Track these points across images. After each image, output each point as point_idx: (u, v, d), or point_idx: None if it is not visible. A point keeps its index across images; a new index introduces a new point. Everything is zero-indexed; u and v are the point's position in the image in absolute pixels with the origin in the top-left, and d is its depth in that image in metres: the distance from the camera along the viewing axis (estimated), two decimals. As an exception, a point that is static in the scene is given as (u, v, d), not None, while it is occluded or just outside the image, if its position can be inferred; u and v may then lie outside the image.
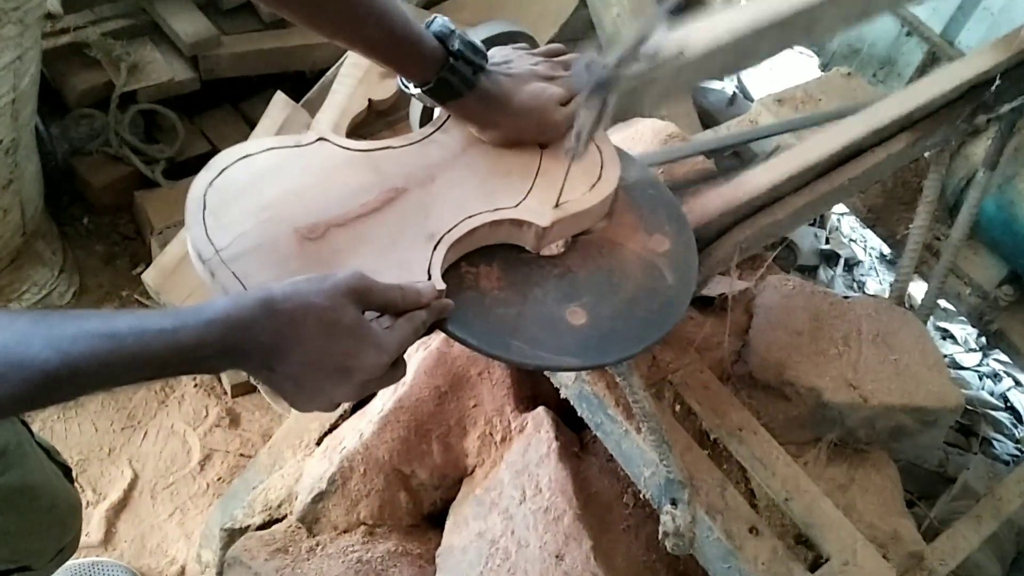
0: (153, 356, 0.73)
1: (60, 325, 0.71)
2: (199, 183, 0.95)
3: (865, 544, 1.24)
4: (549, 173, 1.05)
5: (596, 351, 0.98)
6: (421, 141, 1.08)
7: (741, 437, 1.30)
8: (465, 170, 1.06)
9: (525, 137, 1.09)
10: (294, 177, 0.98)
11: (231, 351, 0.77)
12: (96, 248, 2.33)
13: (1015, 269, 1.79)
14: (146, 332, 0.73)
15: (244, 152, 0.98)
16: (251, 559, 1.44)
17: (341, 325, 0.81)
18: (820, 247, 2.73)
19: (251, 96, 2.53)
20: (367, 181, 1.00)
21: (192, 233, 0.90)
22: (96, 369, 0.70)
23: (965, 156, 1.76)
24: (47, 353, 0.68)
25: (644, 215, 1.11)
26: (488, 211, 1.02)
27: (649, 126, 1.64)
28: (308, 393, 0.84)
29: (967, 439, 2.41)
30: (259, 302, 0.78)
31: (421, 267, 0.95)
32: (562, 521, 1.35)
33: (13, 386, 0.67)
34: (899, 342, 1.48)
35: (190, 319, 0.75)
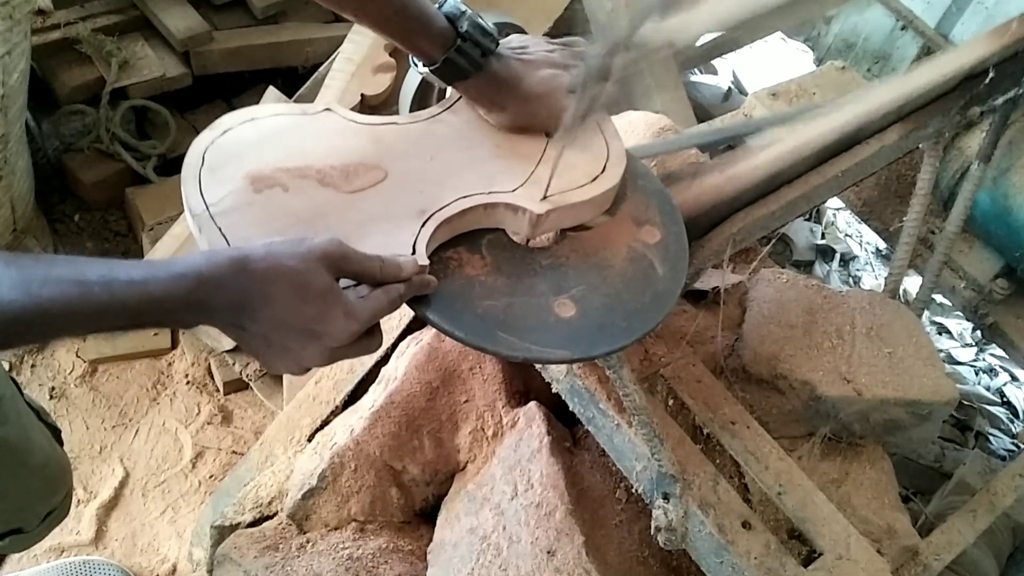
0: (121, 306, 0.74)
1: (30, 268, 0.72)
2: (201, 140, 0.95)
3: (858, 538, 1.23)
4: (552, 162, 1.05)
5: (585, 343, 0.97)
6: (428, 119, 1.08)
7: (734, 431, 1.29)
8: (467, 151, 1.06)
9: (533, 122, 1.08)
10: (296, 143, 0.98)
11: (200, 305, 0.78)
12: (87, 245, 2.32)
13: (1010, 263, 1.78)
14: (115, 281, 0.74)
15: (251, 115, 0.99)
16: (241, 557, 1.42)
17: (311, 288, 0.82)
18: (816, 242, 2.72)
19: (243, 92, 2.52)
20: (368, 152, 1.01)
21: (187, 188, 0.91)
22: (64, 314, 0.72)
23: (959, 149, 1.75)
24: (14, 294, 0.70)
25: (636, 208, 1.10)
26: (484, 193, 1.01)
27: (642, 119, 1.63)
28: (276, 352, 0.85)
29: (963, 434, 2.40)
30: (232, 260, 0.79)
31: (407, 240, 0.94)
32: (554, 516, 1.33)
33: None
34: (893, 335, 1.47)
35: (160, 271, 0.77)
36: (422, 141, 1.05)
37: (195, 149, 0.94)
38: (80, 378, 2.09)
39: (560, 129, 0.98)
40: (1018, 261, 1.75)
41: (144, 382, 2.11)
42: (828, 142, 1.36)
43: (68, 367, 2.11)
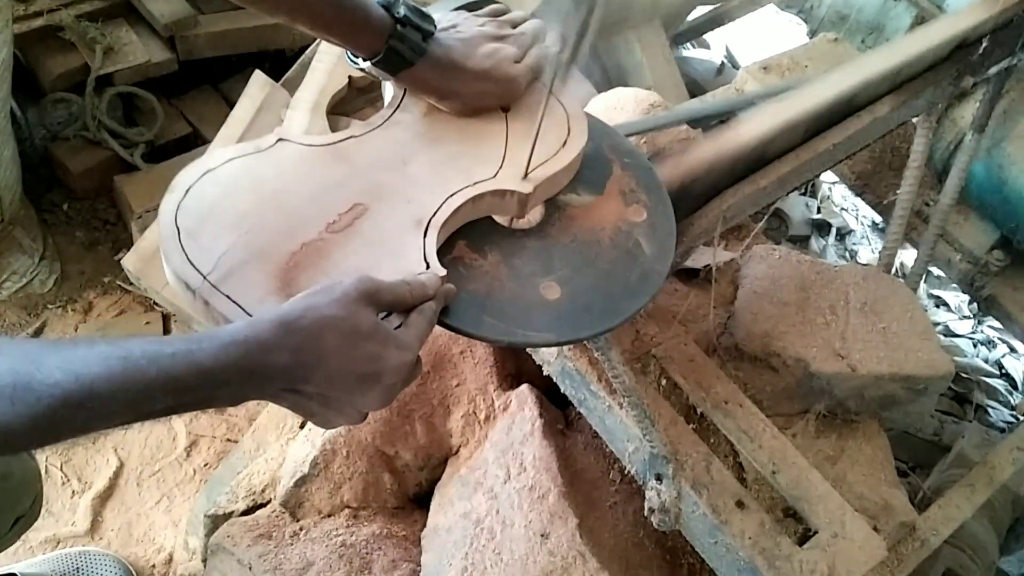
0: (169, 377, 0.69)
1: (70, 349, 0.68)
2: (167, 208, 0.89)
3: (854, 516, 1.22)
4: (519, 137, 1.03)
5: (571, 326, 0.95)
6: (383, 125, 1.05)
7: (727, 410, 1.27)
8: (435, 148, 1.03)
9: (487, 101, 1.06)
10: (264, 183, 0.93)
11: (252, 373, 0.74)
12: (77, 234, 2.30)
13: (1006, 234, 1.77)
14: (160, 355, 0.70)
15: (205, 168, 0.93)
16: (234, 546, 1.41)
17: (361, 331, 0.79)
18: (811, 217, 2.70)
19: (230, 76, 2.49)
20: (340, 174, 0.97)
21: (172, 263, 0.85)
22: (111, 393, 0.67)
23: (953, 120, 1.73)
24: (59, 375, 0.65)
25: (622, 185, 1.08)
26: (469, 186, 0.99)
27: (631, 95, 1.61)
28: (336, 407, 0.81)
29: (962, 407, 2.39)
30: (274, 322, 0.76)
31: (416, 255, 0.92)
32: (547, 499, 1.32)
33: (25, 409, 0.64)
34: (887, 310, 1.45)
35: (205, 341, 0.72)
36: (386, 148, 1.02)
37: (164, 219, 0.88)
38: (72, 368, 2.07)
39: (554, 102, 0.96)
40: (1014, 232, 1.73)
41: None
42: (819, 115, 1.34)
43: (60, 358, 2.09)
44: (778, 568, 1.14)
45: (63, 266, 2.24)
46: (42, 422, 0.65)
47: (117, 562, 1.78)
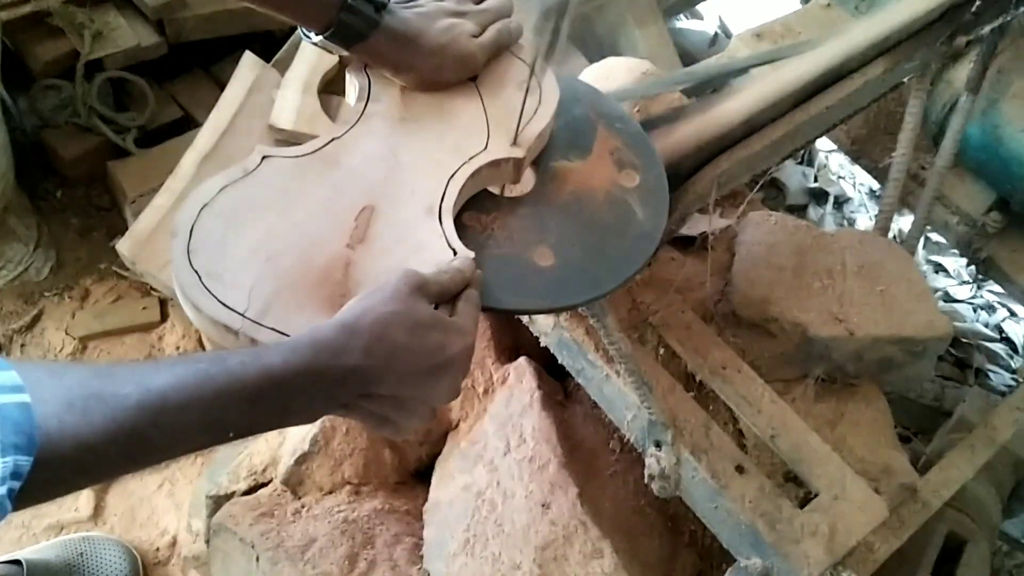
0: (240, 385, 0.68)
1: (137, 365, 0.67)
2: (177, 255, 0.85)
3: (855, 477, 1.22)
4: (496, 105, 1.02)
5: (566, 292, 0.95)
6: (360, 119, 1.03)
7: (725, 376, 1.27)
8: (419, 133, 1.02)
9: (444, 75, 1.05)
10: (265, 207, 0.91)
11: (323, 377, 0.72)
12: (71, 221, 2.29)
13: (1002, 195, 1.76)
14: (228, 360, 0.68)
15: (200, 203, 0.89)
16: (236, 525, 1.42)
17: (423, 323, 0.79)
18: (809, 185, 2.69)
19: (221, 59, 2.47)
20: (336, 181, 0.95)
21: (205, 309, 0.82)
22: (184, 402, 0.65)
23: (947, 82, 1.72)
24: (130, 387, 0.64)
25: (613, 150, 1.07)
26: (465, 163, 0.98)
27: (623, 64, 1.59)
28: (408, 408, 0.81)
29: (962, 372, 2.39)
30: (337, 327, 0.75)
31: (440, 243, 0.91)
32: (547, 470, 1.33)
33: (100, 420, 0.62)
34: (884, 273, 1.45)
35: (272, 348, 0.72)
36: (372, 144, 1.00)
37: (179, 266, 0.84)
38: (71, 355, 2.07)
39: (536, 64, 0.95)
40: (1010, 193, 1.72)
41: (136, 356, 2.09)
42: (812, 78, 1.34)
43: (58, 345, 2.09)
44: (779, 531, 1.14)
45: (58, 253, 2.23)
46: (119, 436, 0.63)
47: (120, 546, 1.78)
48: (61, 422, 0.60)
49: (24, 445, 0.58)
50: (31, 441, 0.58)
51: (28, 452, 0.58)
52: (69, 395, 0.62)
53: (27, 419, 0.58)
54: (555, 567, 1.27)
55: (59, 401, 0.61)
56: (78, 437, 0.61)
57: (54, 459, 0.60)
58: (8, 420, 0.57)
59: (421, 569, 1.36)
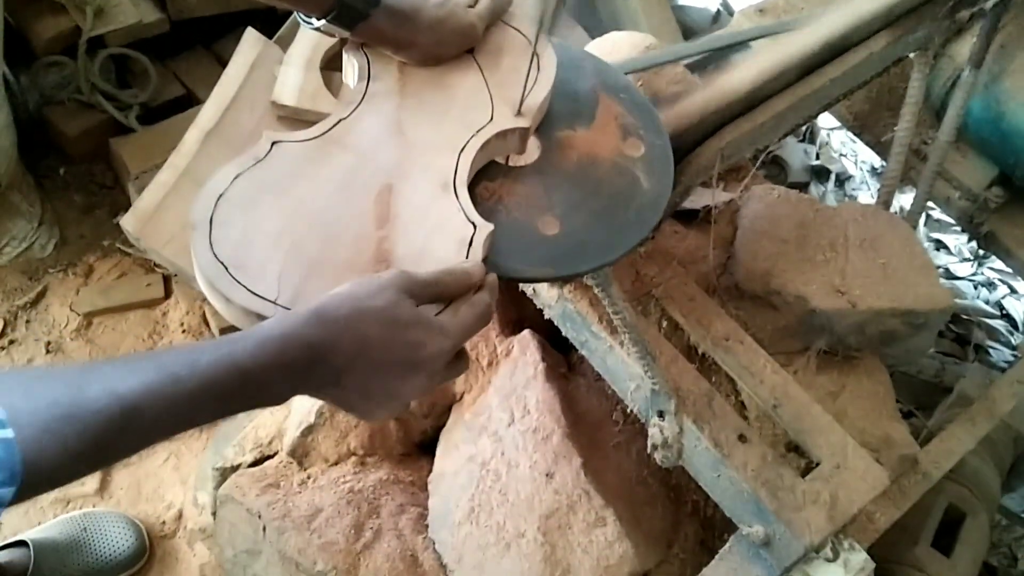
0: (211, 384, 0.68)
1: (108, 369, 0.67)
2: (200, 248, 0.84)
3: (856, 447, 1.23)
4: (495, 76, 1.02)
5: (570, 260, 0.96)
6: (364, 99, 1.02)
7: (727, 347, 1.28)
8: (423, 108, 1.02)
9: (444, 49, 1.05)
10: (282, 193, 0.91)
11: (291, 368, 0.73)
12: (75, 199, 2.30)
13: (1004, 170, 1.76)
14: (198, 362, 0.69)
15: (216, 193, 0.88)
16: (243, 496, 1.43)
17: (400, 320, 0.78)
18: (810, 163, 2.69)
19: (223, 36, 2.47)
20: (348, 163, 0.95)
21: (236, 299, 0.81)
22: (155, 407, 0.66)
23: (950, 56, 1.72)
24: (103, 400, 0.64)
25: (619, 120, 1.08)
26: (473, 136, 0.99)
27: (626, 39, 1.60)
28: (377, 399, 0.80)
29: (963, 348, 2.40)
30: (310, 315, 0.75)
31: (459, 217, 0.92)
32: (551, 440, 1.34)
33: (75, 441, 0.63)
34: (886, 246, 1.45)
35: (240, 343, 0.71)
36: (378, 123, 1.00)
37: (204, 260, 0.83)
38: (75, 331, 2.09)
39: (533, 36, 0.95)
40: (1012, 168, 1.73)
41: (140, 332, 2.11)
42: (816, 50, 1.34)
43: (63, 321, 2.10)
44: (781, 499, 1.15)
45: (62, 230, 2.24)
46: (91, 449, 0.64)
47: (125, 519, 1.79)
48: (39, 448, 0.62)
49: (7, 480, 0.60)
50: (14, 475, 0.60)
51: (11, 484, 0.60)
52: (45, 419, 0.63)
53: (10, 455, 0.60)
54: (559, 535, 1.28)
55: (35, 427, 0.62)
56: (54, 460, 0.62)
57: (33, 481, 0.62)
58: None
59: (426, 538, 1.37)
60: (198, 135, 2.08)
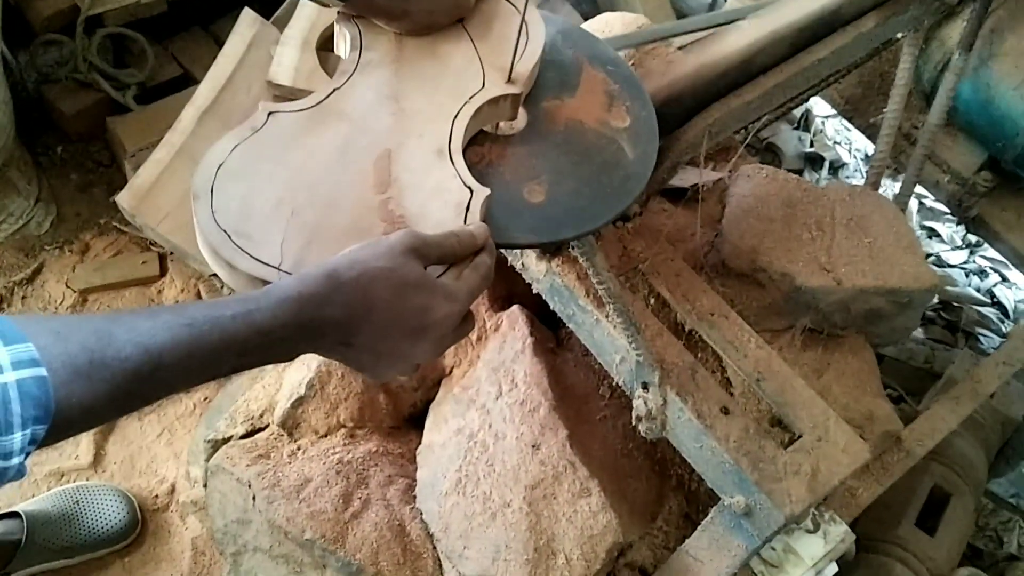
0: (232, 340, 0.71)
1: (136, 321, 0.69)
2: (203, 217, 0.86)
3: (838, 420, 1.24)
4: (486, 44, 1.04)
5: (553, 227, 0.97)
6: (357, 69, 1.04)
7: (712, 321, 1.29)
8: (416, 78, 1.04)
9: (436, 19, 1.06)
10: (280, 162, 0.92)
11: (306, 327, 0.75)
12: (72, 177, 2.31)
13: (993, 154, 1.78)
14: (221, 317, 0.71)
15: (216, 163, 0.90)
16: (233, 466, 1.44)
17: (408, 283, 0.80)
18: (805, 150, 2.70)
19: (221, 16, 2.48)
20: (344, 132, 0.96)
21: (241, 266, 0.84)
22: (179, 359, 0.69)
23: (940, 40, 1.74)
24: (129, 349, 0.67)
25: (605, 92, 1.09)
26: (466, 103, 1.00)
27: (618, 19, 1.61)
28: (387, 360, 0.83)
29: (953, 335, 2.42)
30: (324, 276, 0.77)
31: (456, 183, 0.93)
32: (538, 412, 1.35)
33: (102, 385, 0.66)
34: (873, 225, 1.47)
35: (262, 301, 0.74)
36: (372, 93, 1.01)
37: (207, 228, 0.85)
38: (71, 308, 2.10)
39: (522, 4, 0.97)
40: (1001, 152, 1.74)
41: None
42: (806, 24, 1.35)
43: (59, 297, 2.12)
44: (762, 469, 1.16)
45: (59, 208, 2.25)
46: (118, 396, 0.67)
47: (117, 492, 1.81)
48: (69, 391, 0.64)
49: (42, 416, 0.62)
50: (48, 412, 0.63)
51: (45, 422, 0.63)
52: (75, 362, 0.65)
53: (45, 393, 0.62)
54: (544, 505, 1.29)
55: (66, 369, 0.64)
56: (83, 403, 0.65)
57: (63, 423, 0.64)
58: (28, 395, 0.61)
59: (414, 508, 1.39)
60: (194, 113, 2.09)
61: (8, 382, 0.61)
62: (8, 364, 0.61)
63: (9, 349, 0.62)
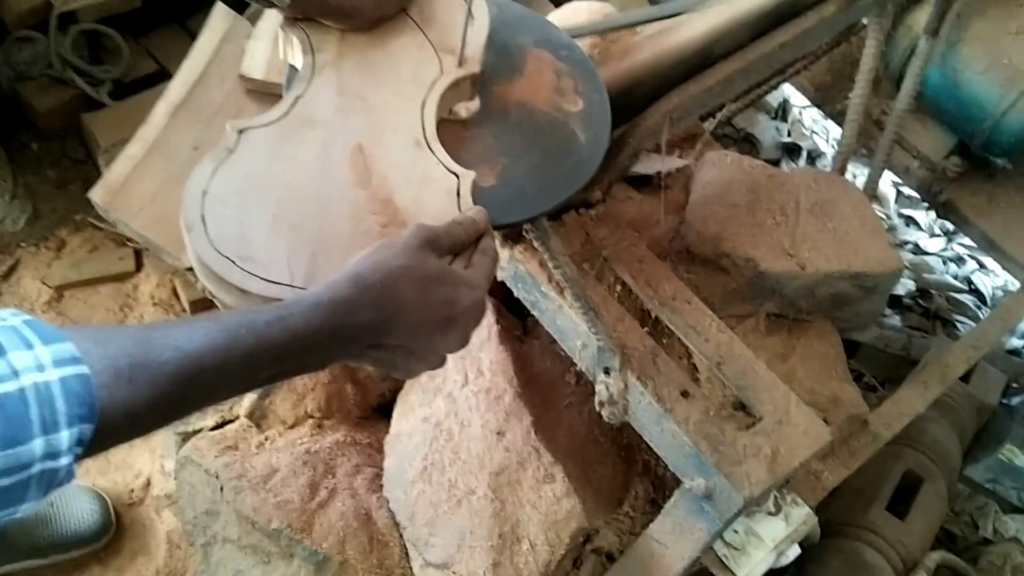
0: (268, 345, 0.71)
1: (174, 328, 0.69)
2: (203, 249, 0.85)
3: (799, 403, 1.24)
4: (434, 29, 1.04)
5: (504, 210, 0.97)
6: (315, 73, 1.02)
7: (674, 307, 1.29)
8: (374, 72, 1.03)
9: (384, 9, 1.05)
10: (262, 180, 0.91)
11: (339, 332, 0.76)
12: (48, 174, 2.31)
13: (962, 139, 1.78)
14: (256, 322, 0.71)
15: (199, 190, 0.89)
16: (201, 457, 1.45)
17: (432, 277, 0.81)
18: (782, 140, 2.71)
19: (196, 12, 2.47)
20: (319, 136, 0.96)
21: (254, 290, 0.84)
22: (217, 364, 0.69)
23: (908, 26, 1.74)
24: (168, 353, 0.67)
25: (557, 76, 1.09)
26: (430, 90, 1.00)
27: (585, 6, 1.61)
28: (420, 355, 0.84)
29: (931, 323, 2.42)
30: (351, 282, 0.77)
31: (440, 170, 0.94)
32: (503, 400, 1.36)
33: (145, 388, 0.65)
34: (837, 211, 1.47)
35: (294, 307, 0.74)
36: (336, 95, 1.00)
37: (211, 259, 0.85)
38: (47, 304, 2.10)
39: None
40: (970, 137, 1.74)
41: (111, 305, 2.12)
42: (767, 10, 1.35)
43: (35, 294, 2.11)
44: (722, 452, 1.16)
45: (35, 205, 2.25)
46: (161, 400, 0.66)
47: (89, 491, 1.80)
48: (111, 392, 0.63)
49: (87, 415, 0.61)
50: (92, 411, 0.62)
51: (91, 421, 0.62)
52: (116, 364, 0.64)
53: (88, 390, 0.62)
54: (508, 491, 1.30)
55: (107, 371, 0.64)
56: (126, 405, 0.64)
57: (108, 426, 0.63)
58: (71, 392, 0.60)
59: (380, 497, 1.39)
60: (167, 108, 2.09)
61: (51, 380, 0.60)
62: (50, 362, 0.60)
63: (49, 348, 0.61)
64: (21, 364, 0.59)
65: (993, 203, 1.80)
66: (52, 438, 0.59)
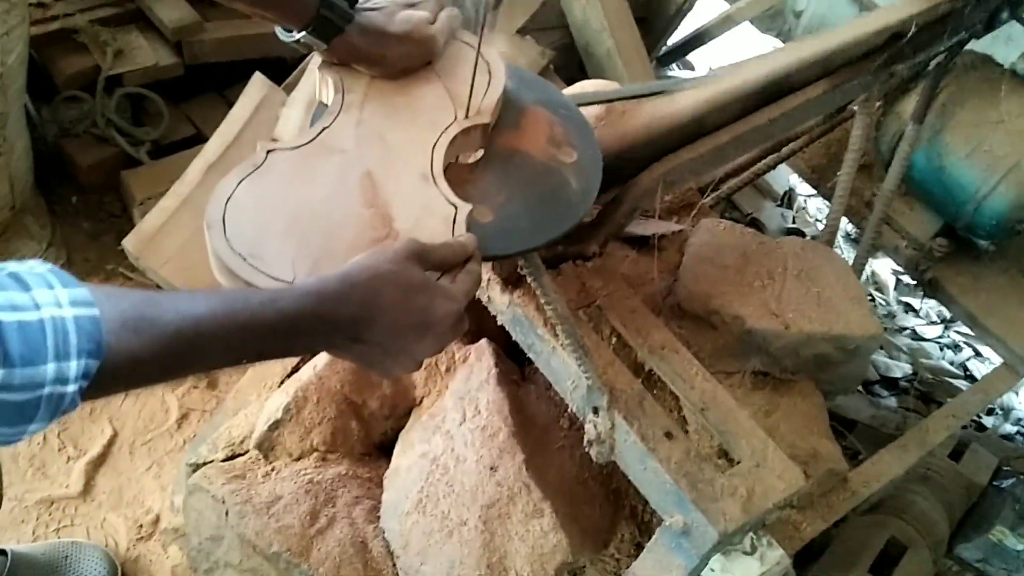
0: (260, 322, 0.80)
1: (174, 296, 0.80)
2: (218, 244, 0.95)
3: (776, 449, 1.30)
4: (454, 83, 1.16)
5: (499, 243, 1.07)
6: (343, 110, 1.15)
7: (663, 355, 1.37)
8: (396, 115, 1.15)
9: (411, 61, 1.18)
10: (282, 193, 1.02)
11: (325, 320, 0.86)
12: (83, 225, 2.44)
13: (948, 221, 1.87)
14: (250, 299, 0.81)
15: (224, 197, 1.00)
16: (209, 484, 1.52)
17: (413, 284, 0.91)
18: (787, 226, 2.81)
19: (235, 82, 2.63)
20: (338, 162, 1.08)
21: (259, 284, 0.93)
22: (214, 330, 0.78)
23: (897, 113, 1.86)
24: (171, 315, 0.75)
25: (555, 131, 1.20)
26: (443, 134, 1.12)
27: (591, 84, 1.74)
28: (394, 355, 0.93)
29: (927, 406, 2.48)
30: (340, 278, 0.88)
31: (441, 201, 1.05)
32: (497, 437, 1.43)
33: (148, 340, 0.73)
34: (822, 277, 1.56)
35: (287, 293, 0.85)
36: (359, 130, 1.12)
37: (224, 253, 0.94)
38: (73, 346, 2.20)
39: None
40: (954, 219, 1.84)
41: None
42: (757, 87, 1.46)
43: (62, 336, 2.21)
44: (700, 490, 1.23)
45: (69, 253, 2.37)
46: (162, 353, 0.75)
47: (103, 555, 1.85)
48: (118, 337, 0.72)
49: (94, 351, 0.70)
50: (99, 348, 0.71)
51: (97, 357, 0.70)
52: (124, 316, 0.74)
53: (97, 330, 0.71)
54: (498, 524, 1.36)
55: (116, 320, 0.73)
56: (130, 351, 0.73)
57: (111, 367, 0.72)
58: (83, 329, 0.70)
59: (377, 527, 1.45)
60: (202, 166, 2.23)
61: (67, 316, 0.69)
62: (67, 302, 0.69)
63: (68, 290, 0.70)
64: (43, 299, 0.68)
65: (978, 283, 1.88)
66: (63, 365, 0.68)
